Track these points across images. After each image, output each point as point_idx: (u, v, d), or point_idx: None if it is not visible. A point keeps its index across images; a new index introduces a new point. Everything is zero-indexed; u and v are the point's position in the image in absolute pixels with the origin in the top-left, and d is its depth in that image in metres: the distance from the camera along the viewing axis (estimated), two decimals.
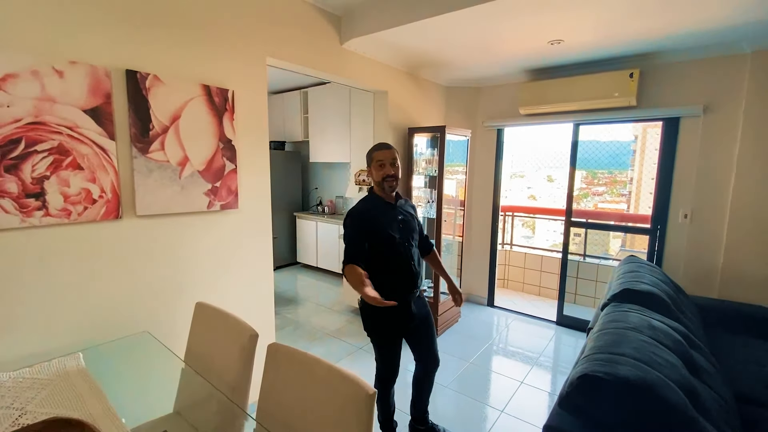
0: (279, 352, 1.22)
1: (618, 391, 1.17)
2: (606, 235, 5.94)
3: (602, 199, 8.77)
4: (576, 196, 5.61)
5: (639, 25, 2.25)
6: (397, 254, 1.74)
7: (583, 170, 7.05)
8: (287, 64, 2.25)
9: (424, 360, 1.95)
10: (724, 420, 1.28)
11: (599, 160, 6.30)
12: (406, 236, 1.79)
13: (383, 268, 1.71)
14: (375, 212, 1.75)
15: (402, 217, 1.81)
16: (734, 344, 2.24)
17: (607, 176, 8.79)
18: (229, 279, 2.03)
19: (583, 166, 6.46)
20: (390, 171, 1.72)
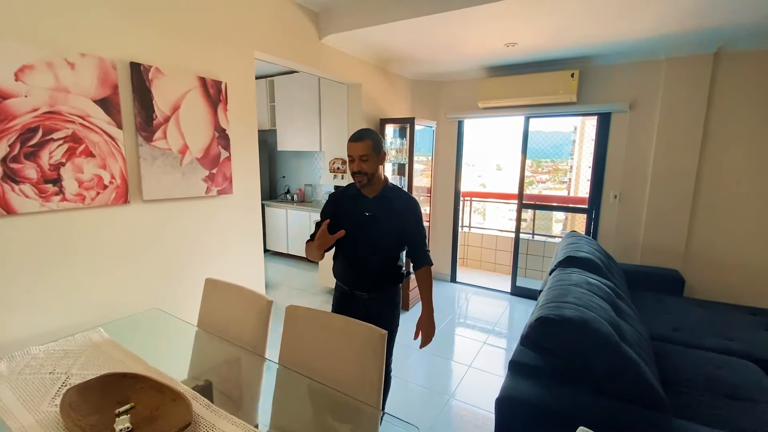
0: (297, 312, 1.44)
1: (565, 327, 1.52)
2: (549, 219, 6.59)
3: (546, 186, 9.58)
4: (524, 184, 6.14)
5: (580, 33, 2.64)
6: (350, 246, 1.67)
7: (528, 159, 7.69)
8: (273, 57, 2.39)
9: None
10: (639, 347, 1.69)
11: (544, 150, 6.90)
12: (364, 232, 1.64)
13: (340, 255, 1.72)
14: (344, 200, 1.71)
15: (370, 213, 1.64)
16: (651, 299, 2.77)
17: (550, 165, 9.58)
18: (227, 258, 2.18)
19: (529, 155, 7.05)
20: (355, 167, 1.59)
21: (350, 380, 1.26)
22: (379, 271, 1.71)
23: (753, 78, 2.79)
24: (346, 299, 1.72)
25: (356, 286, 1.71)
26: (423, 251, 1.76)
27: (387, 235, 1.67)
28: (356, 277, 1.70)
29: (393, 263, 1.74)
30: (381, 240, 1.67)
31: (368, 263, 1.68)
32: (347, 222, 1.62)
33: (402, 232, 1.70)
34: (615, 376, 1.45)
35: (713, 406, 1.63)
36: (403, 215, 1.69)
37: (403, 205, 1.70)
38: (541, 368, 1.62)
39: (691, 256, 3.13)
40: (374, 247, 1.67)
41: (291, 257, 5.24)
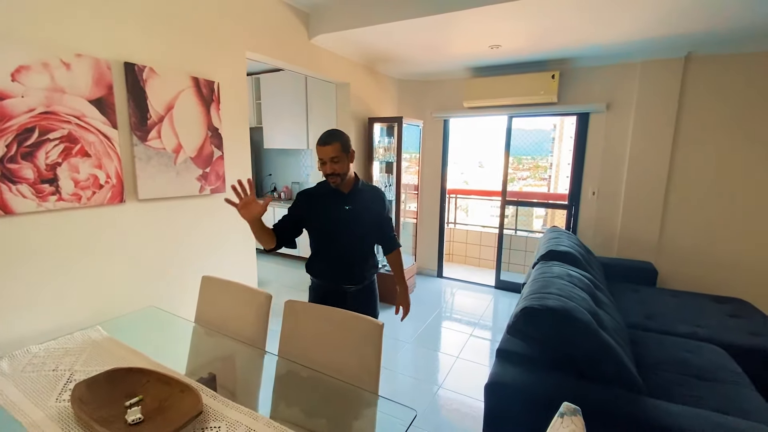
0: (296, 306, 1.49)
1: (548, 316, 1.62)
2: (530, 215, 6.80)
3: (526, 183, 9.84)
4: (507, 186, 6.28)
5: (561, 37, 2.76)
6: (332, 242, 1.71)
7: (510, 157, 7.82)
8: (264, 57, 2.42)
9: None
10: (617, 333, 1.82)
11: (524, 147, 7.07)
12: (346, 227, 1.69)
13: (319, 254, 1.74)
14: (319, 197, 1.71)
15: (349, 207, 1.68)
16: (627, 290, 2.93)
17: (530, 162, 9.83)
18: (221, 256, 2.21)
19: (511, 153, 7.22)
20: (328, 170, 1.63)
21: (349, 370, 1.33)
22: (364, 261, 1.78)
23: (719, 81, 2.98)
24: (332, 295, 1.72)
25: (344, 280, 1.74)
26: (392, 236, 1.90)
27: (368, 226, 1.76)
28: (345, 271, 1.73)
29: (373, 253, 1.84)
30: (363, 232, 1.75)
31: (355, 256, 1.74)
32: (326, 220, 1.68)
33: (378, 221, 1.81)
34: (595, 360, 1.56)
35: (683, 386, 1.77)
36: (377, 205, 1.80)
37: (374, 196, 1.80)
38: (526, 355, 1.72)
39: (664, 249, 3.31)
40: (359, 240, 1.74)
41: (279, 255, 5.25)
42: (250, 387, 1.43)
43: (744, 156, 2.97)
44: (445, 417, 2.17)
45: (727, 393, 1.71)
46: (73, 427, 1.02)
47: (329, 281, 1.75)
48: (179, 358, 1.54)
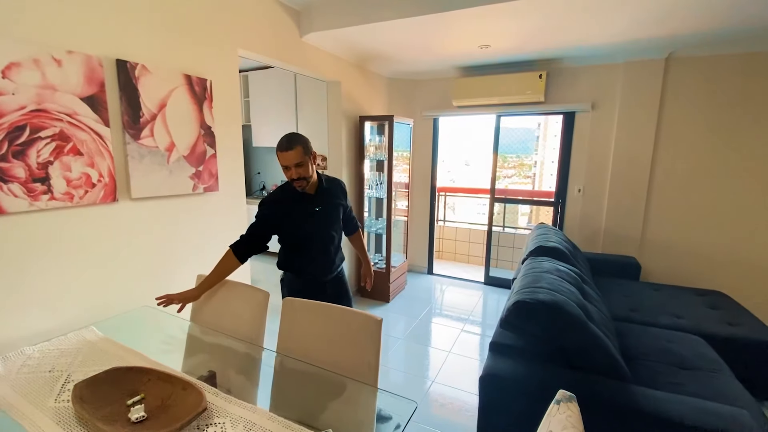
0: (294, 304, 1.51)
1: (539, 309, 1.67)
2: (515, 212, 6.91)
3: (511, 181, 9.99)
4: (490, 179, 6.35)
5: (548, 38, 2.82)
6: (309, 242, 1.80)
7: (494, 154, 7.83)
8: (256, 55, 2.40)
9: None
10: (604, 326, 1.89)
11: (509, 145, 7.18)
12: (320, 226, 1.80)
13: (297, 253, 1.82)
14: (287, 204, 1.74)
15: (319, 208, 1.77)
16: (612, 284, 3.02)
17: (515, 160, 9.99)
18: (215, 255, 2.18)
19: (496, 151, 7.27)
20: (294, 175, 1.64)
21: (349, 365, 1.35)
22: (337, 253, 1.95)
23: (699, 81, 3.09)
24: (310, 286, 1.84)
25: (323, 273, 1.89)
26: (353, 218, 2.10)
27: (336, 220, 1.90)
28: (325, 264, 1.88)
29: (340, 243, 1.99)
30: (333, 226, 1.89)
31: (331, 249, 1.89)
32: (300, 224, 1.77)
33: (344, 211, 1.97)
34: (584, 351, 1.62)
35: (666, 375, 1.85)
36: (340, 197, 1.93)
37: (337, 189, 1.92)
38: (519, 348, 1.77)
39: (647, 244, 3.43)
40: (331, 235, 1.88)
41: (267, 254, 5.21)
42: (249, 383, 1.44)
43: (723, 153, 3.10)
44: (438, 411, 2.22)
45: (707, 380, 1.80)
46: (75, 427, 1.01)
47: (309, 275, 1.86)
48: (176, 357, 1.54)
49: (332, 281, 1.94)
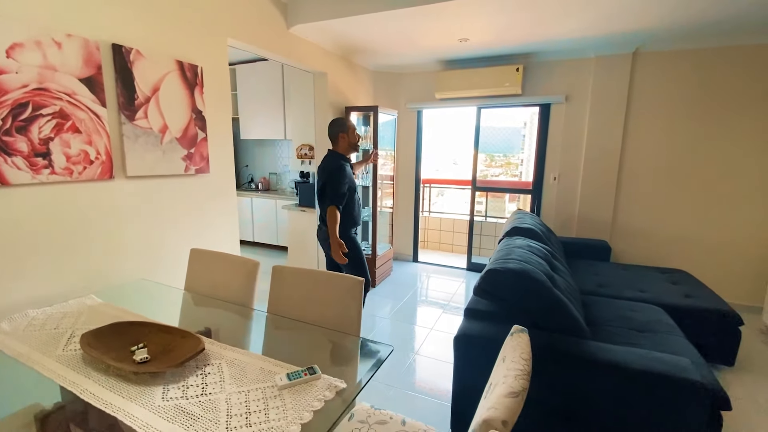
0: (283, 271, 1.63)
1: (508, 276, 1.83)
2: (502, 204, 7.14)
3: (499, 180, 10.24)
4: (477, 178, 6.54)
5: (522, 32, 2.99)
6: (354, 199, 2.56)
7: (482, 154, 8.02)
8: (245, 45, 2.51)
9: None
10: (569, 292, 2.06)
11: (496, 144, 7.38)
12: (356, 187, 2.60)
13: (353, 207, 2.56)
14: (347, 167, 2.50)
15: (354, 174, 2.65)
16: (584, 264, 3.22)
17: (503, 159, 10.22)
18: (206, 233, 2.30)
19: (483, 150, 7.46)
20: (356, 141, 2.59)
21: (334, 321, 1.49)
22: None
23: (664, 74, 3.30)
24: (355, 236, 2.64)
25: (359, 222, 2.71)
26: None
27: None
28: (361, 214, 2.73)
29: None
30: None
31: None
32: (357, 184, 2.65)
33: None
34: (547, 312, 1.79)
35: (624, 336, 2.03)
36: None
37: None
38: (490, 312, 1.93)
39: (617, 228, 3.64)
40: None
41: (257, 245, 5.31)
42: (242, 339, 1.56)
43: (687, 142, 3.32)
44: (420, 376, 2.37)
45: (661, 340, 1.99)
46: (83, 368, 1.12)
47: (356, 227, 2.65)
48: (173, 320, 1.65)
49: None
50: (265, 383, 1.07)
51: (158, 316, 1.52)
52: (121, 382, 1.06)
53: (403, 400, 2.15)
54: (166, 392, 1.02)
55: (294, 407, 0.97)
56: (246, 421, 0.92)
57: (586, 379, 1.56)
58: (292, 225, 4.05)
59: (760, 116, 3.08)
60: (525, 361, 0.95)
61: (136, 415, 0.93)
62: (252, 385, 1.06)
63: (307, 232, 3.88)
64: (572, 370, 1.59)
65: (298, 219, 3.98)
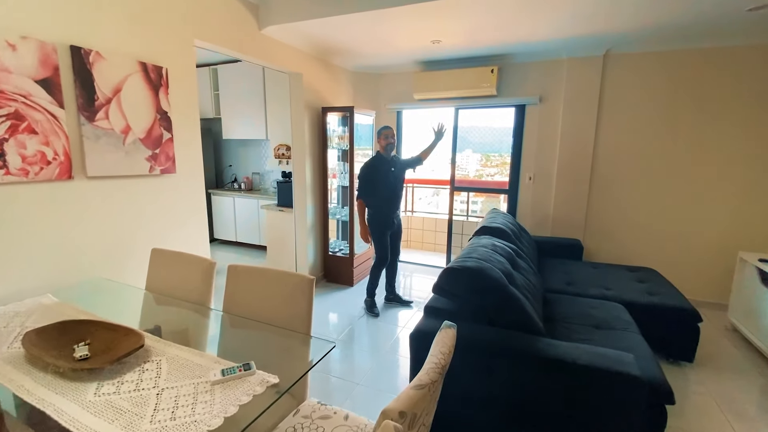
0: (238, 269, 1.66)
1: (466, 274, 1.87)
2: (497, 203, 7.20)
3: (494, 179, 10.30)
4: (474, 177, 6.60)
5: (491, 34, 3.03)
6: (386, 189, 3.20)
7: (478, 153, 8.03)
8: (213, 46, 2.53)
9: (393, 252, 3.44)
10: (527, 290, 2.10)
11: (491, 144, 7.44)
12: (393, 180, 3.24)
13: (380, 197, 3.19)
14: (378, 165, 3.19)
15: (393, 169, 3.24)
16: (556, 262, 3.27)
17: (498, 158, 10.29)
18: (172, 235, 2.32)
19: (478, 149, 7.48)
20: (391, 141, 3.18)
21: (284, 318, 1.52)
22: (401, 196, 3.45)
23: (634, 76, 3.36)
24: (388, 222, 3.28)
25: (394, 210, 3.32)
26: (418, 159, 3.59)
27: (401, 177, 3.42)
28: (395, 205, 3.34)
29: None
30: (400, 179, 3.38)
31: (397, 193, 3.36)
32: (385, 177, 3.21)
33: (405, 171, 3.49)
34: (502, 309, 1.83)
35: (581, 333, 2.07)
36: (403, 162, 3.44)
37: (399, 158, 3.42)
38: (448, 310, 1.97)
39: (590, 227, 3.70)
40: (398, 184, 3.35)
41: (239, 245, 5.32)
42: (192, 337, 1.58)
43: (657, 142, 3.38)
44: (387, 374, 2.40)
45: (615, 337, 2.03)
46: (24, 365, 1.14)
47: (385, 211, 3.27)
48: (128, 319, 1.67)
49: (396, 218, 3.37)
50: (200, 379, 1.09)
51: (113, 315, 1.54)
52: (58, 378, 1.09)
53: (364, 397, 2.19)
54: (100, 388, 1.04)
55: (222, 402, 1.00)
56: (171, 414, 0.95)
57: (537, 376, 1.60)
58: (271, 225, 4.07)
59: (727, 117, 3.15)
60: (443, 355, 0.98)
61: (65, 410, 0.96)
62: (186, 380, 1.09)
63: (286, 232, 3.91)
64: (522, 367, 1.62)
65: (277, 219, 4.00)
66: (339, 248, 4.08)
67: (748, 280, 2.88)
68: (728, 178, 3.21)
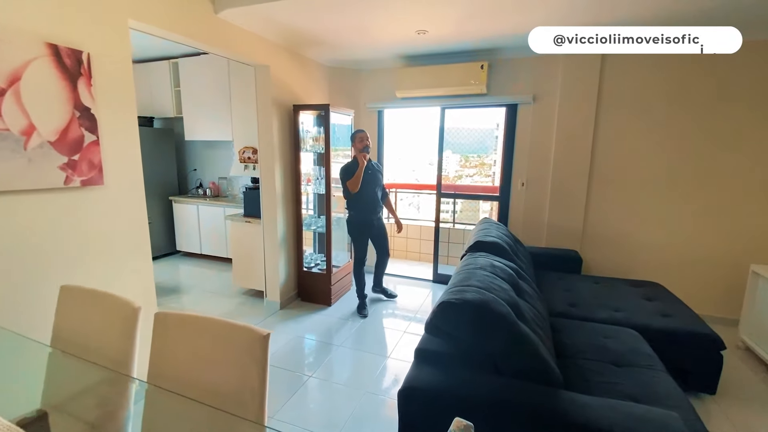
0: (168, 319, 1.23)
1: (465, 310, 1.51)
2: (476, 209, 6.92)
3: (473, 180, 10.12)
4: (453, 178, 6.35)
5: (484, 24, 2.69)
6: (365, 190, 3.14)
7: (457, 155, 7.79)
8: (154, 28, 2.08)
9: (380, 251, 3.52)
10: (537, 324, 1.76)
11: (470, 145, 7.18)
12: (371, 182, 3.20)
13: (358, 198, 3.17)
14: (354, 167, 3.13)
15: (371, 171, 3.20)
16: (553, 277, 2.97)
17: (477, 159, 10.11)
18: (100, 264, 1.86)
19: (457, 150, 7.21)
20: (366, 143, 3.17)
21: (230, 390, 1.11)
22: (380, 199, 3.38)
23: (635, 74, 3.09)
24: (367, 223, 3.29)
25: (373, 212, 3.29)
26: (384, 188, 3.49)
27: (379, 181, 3.35)
28: (373, 207, 3.28)
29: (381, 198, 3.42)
30: (378, 183, 3.32)
31: (376, 196, 3.29)
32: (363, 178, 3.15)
33: (382, 178, 3.44)
34: (511, 354, 1.47)
35: (601, 374, 1.75)
36: (380, 170, 3.41)
37: (378, 165, 3.42)
38: (444, 354, 1.60)
39: (588, 237, 3.42)
40: (375, 188, 3.29)
41: (204, 257, 4.81)
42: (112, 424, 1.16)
43: (659, 147, 3.12)
44: (383, 402, 2.02)
45: (641, 378, 1.72)
46: None
47: (363, 213, 3.26)
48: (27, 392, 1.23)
49: (377, 220, 3.35)
50: None
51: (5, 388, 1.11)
52: None
53: None
54: None
55: None
56: None
57: None
58: (237, 238, 3.61)
59: (736, 119, 2.91)
60: None
61: None
62: None
63: (254, 245, 3.46)
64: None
65: (244, 231, 3.55)
66: (315, 263, 3.67)
67: (762, 296, 2.65)
68: (737, 184, 2.98)
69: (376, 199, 3.25)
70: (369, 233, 3.33)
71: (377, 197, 3.27)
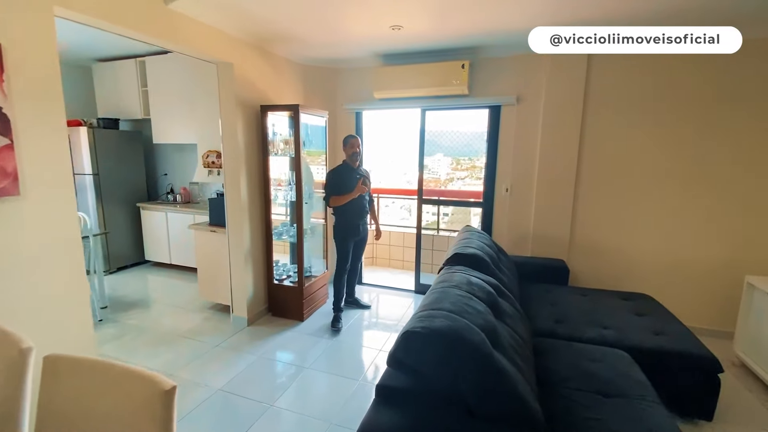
0: (59, 363, 1.00)
1: (432, 340, 1.30)
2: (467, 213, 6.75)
3: (464, 183, 9.96)
4: (445, 181, 6.18)
5: (463, 19, 2.50)
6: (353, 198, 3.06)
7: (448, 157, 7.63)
8: (88, 18, 1.85)
9: (356, 259, 3.39)
10: (516, 351, 1.56)
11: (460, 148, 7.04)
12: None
13: (346, 204, 3.05)
14: (343, 171, 3.11)
15: (359, 176, 3.11)
16: (540, 290, 2.78)
17: (468, 162, 9.97)
18: (17, 288, 1.61)
19: (449, 153, 7.06)
20: (357, 150, 3.14)
21: None
22: (367, 205, 3.29)
23: (622, 74, 2.92)
24: (354, 228, 3.18)
25: (360, 217, 3.20)
26: (370, 195, 3.40)
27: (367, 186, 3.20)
28: (360, 213, 3.20)
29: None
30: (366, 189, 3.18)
31: (364, 201, 3.20)
32: (351, 185, 3.07)
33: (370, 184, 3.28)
34: (486, 393, 1.26)
35: (587, 407, 1.55)
36: (368, 176, 3.26)
37: (366, 172, 3.30)
38: (409, 391, 1.39)
39: (575, 246, 3.24)
40: (364, 194, 3.19)
41: (174, 268, 4.54)
42: None
43: (648, 152, 2.96)
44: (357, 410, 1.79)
45: (631, 412, 1.52)
46: None
47: (350, 219, 3.15)
48: None
49: (363, 225, 3.27)
50: None
51: None
52: None
53: None
54: None
55: None
56: None
57: None
58: (202, 248, 3.36)
59: (728, 120, 2.77)
60: None
61: None
62: None
63: (219, 256, 3.21)
64: None
65: (209, 241, 3.30)
66: (287, 275, 3.43)
67: (758, 309, 2.49)
68: (730, 191, 2.83)
69: (363, 204, 3.19)
70: (354, 238, 3.22)
71: (365, 203, 3.21)
